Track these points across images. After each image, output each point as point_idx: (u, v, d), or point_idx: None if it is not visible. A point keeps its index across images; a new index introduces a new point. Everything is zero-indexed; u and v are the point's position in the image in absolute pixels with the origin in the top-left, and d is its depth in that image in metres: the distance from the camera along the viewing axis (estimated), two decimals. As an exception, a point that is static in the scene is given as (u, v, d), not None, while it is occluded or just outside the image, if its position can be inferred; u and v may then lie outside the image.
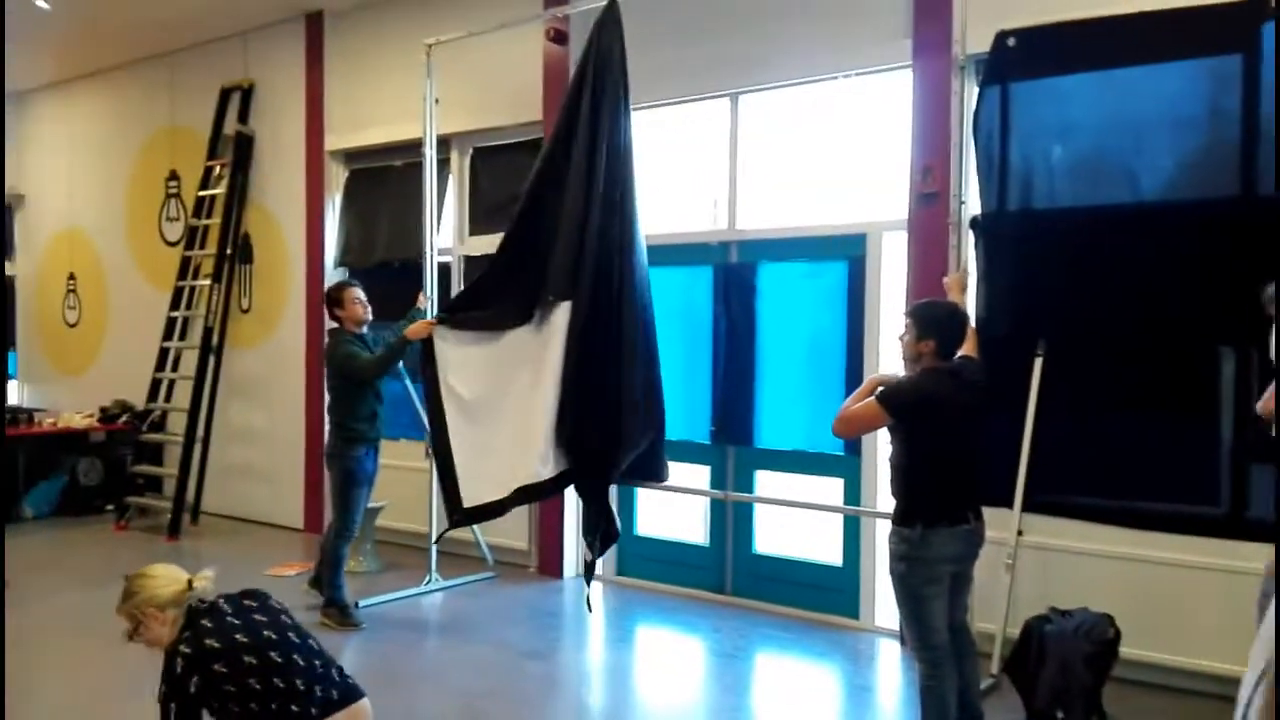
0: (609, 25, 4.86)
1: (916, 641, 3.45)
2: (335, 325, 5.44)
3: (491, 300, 5.04)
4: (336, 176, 7.74)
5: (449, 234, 7.01)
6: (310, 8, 7.57)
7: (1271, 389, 2.78)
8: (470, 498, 4.87)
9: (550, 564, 6.40)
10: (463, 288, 6.89)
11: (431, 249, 6.17)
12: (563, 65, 6.19)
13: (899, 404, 3.39)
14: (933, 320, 3.51)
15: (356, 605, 5.46)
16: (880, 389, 3.47)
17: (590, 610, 5.29)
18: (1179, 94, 4.17)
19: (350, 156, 7.70)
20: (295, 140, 7.84)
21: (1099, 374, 4.27)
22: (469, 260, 6.98)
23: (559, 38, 6.15)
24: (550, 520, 6.38)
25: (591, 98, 4.82)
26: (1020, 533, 4.23)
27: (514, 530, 6.44)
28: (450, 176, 7.02)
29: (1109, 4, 4.29)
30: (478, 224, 6.98)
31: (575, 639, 5.34)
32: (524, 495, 4.84)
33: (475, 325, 5.00)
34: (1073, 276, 4.35)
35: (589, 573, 5.11)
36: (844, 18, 5.23)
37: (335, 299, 5.43)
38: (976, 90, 4.59)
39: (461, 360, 4.99)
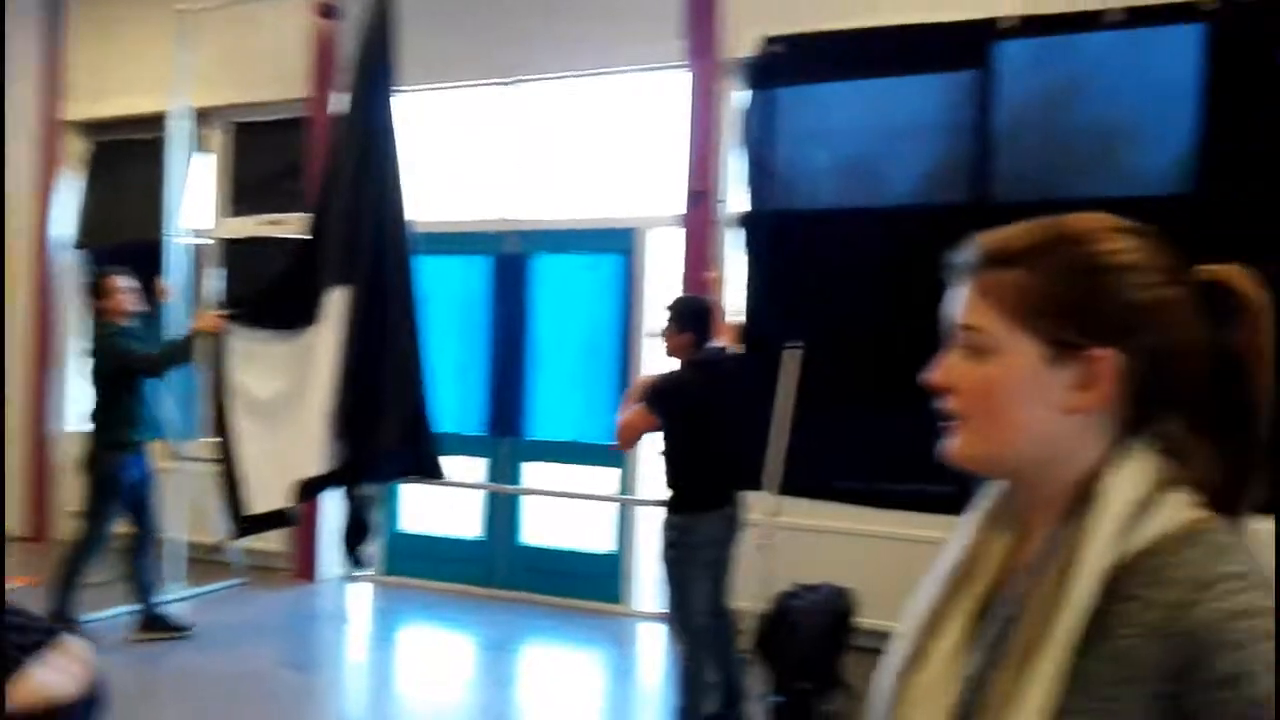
0: (380, 3, 4.69)
1: (680, 623, 3.53)
2: (98, 317, 4.85)
3: (285, 295, 4.68)
4: (76, 150, 7.02)
5: (203, 215, 6.52)
6: (49, -37, 6.85)
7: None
8: (259, 505, 4.49)
9: (307, 567, 6.05)
10: (228, 274, 6.46)
11: (176, 231, 5.71)
12: (332, 40, 5.92)
13: (665, 403, 3.49)
14: (689, 314, 3.62)
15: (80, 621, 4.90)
16: (645, 394, 3.53)
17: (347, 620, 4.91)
18: (924, 105, 4.50)
19: (93, 128, 7.01)
20: (25, 108, 7.04)
21: (852, 365, 4.52)
22: (228, 244, 6.52)
23: (328, 11, 5.88)
24: (306, 520, 6.03)
25: (364, 79, 4.63)
26: (775, 514, 4.40)
27: (269, 533, 6.02)
28: (205, 153, 6.53)
29: (866, 16, 4.58)
30: (238, 204, 6.54)
31: (334, 645, 5.07)
32: (302, 492, 4.51)
33: (269, 323, 4.62)
34: (830, 274, 4.59)
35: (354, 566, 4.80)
36: (620, 15, 5.29)
37: (98, 288, 4.84)
38: (745, 93, 4.77)
39: (255, 356, 4.59)
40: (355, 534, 4.65)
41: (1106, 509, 0.82)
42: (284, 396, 4.57)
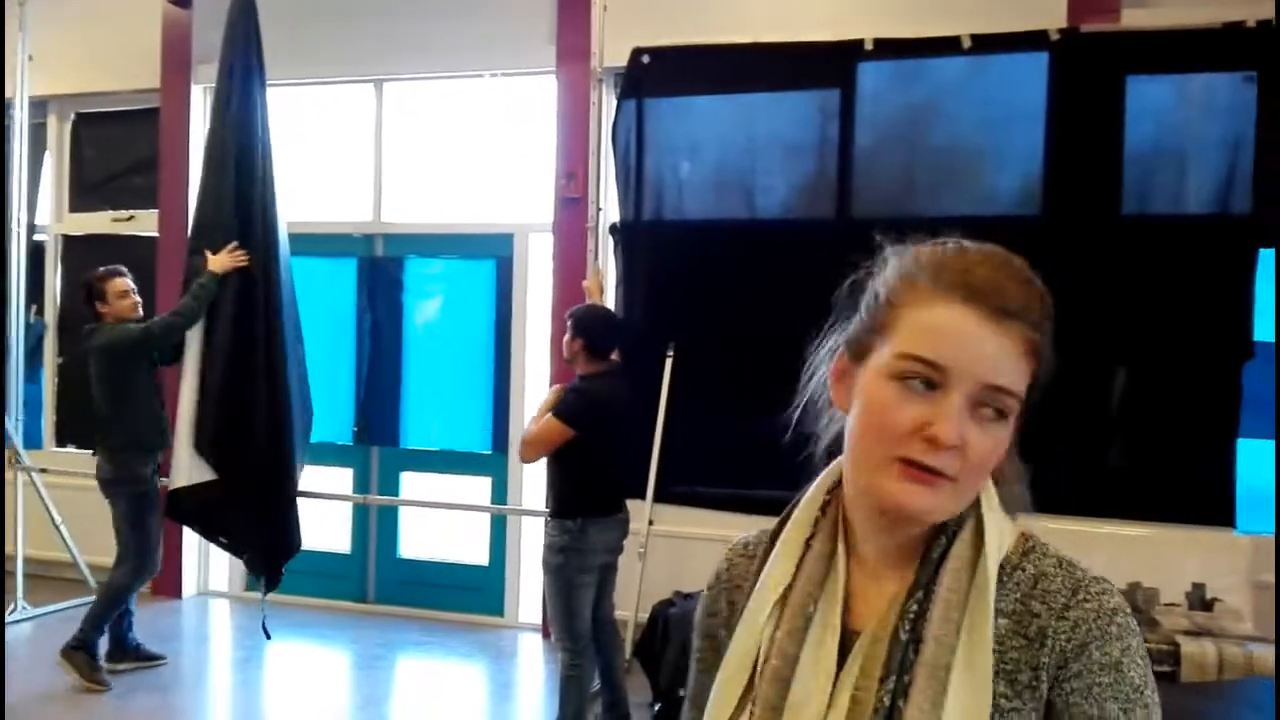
0: None
1: (562, 631, 3.55)
2: (95, 323, 4.43)
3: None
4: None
5: (45, 210, 6.11)
6: None
7: None
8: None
9: (166, 583, 5.78)
10: (64, 271, 6.09)
11: (20, 226, 5.35)
12: (184, 29, 5.64)
13: (577, 415, 3.48)
14: (592, 324, 3.63)
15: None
16: (554, 407, 3.52)
17: (268, 637, 4.57)
18: (789, 122, 4.62)
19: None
20: None
21: (721, 373, 4.62)
22: (69, 240, 6.13)
23: (180, 0, 5.58)
24: (167, 533, 5.76)
25: (230, 71, 4.45)
26: (651, 522, 4.47)
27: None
28: (47, 144, 6.12)
29: (736, 33, 4.65)
30: (81, 198, 6.16)
31: (196, 665, 4.88)
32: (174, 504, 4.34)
33: None
34: (697, 284, 4.68)
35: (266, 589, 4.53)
36: (491, 18, 5.21)
37: (97, 290, 4.41)
38: (615, 102, 4.79)
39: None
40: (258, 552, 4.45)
41: (990, 534, 0.86)
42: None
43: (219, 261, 4.29)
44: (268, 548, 4.42)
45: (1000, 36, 4.28)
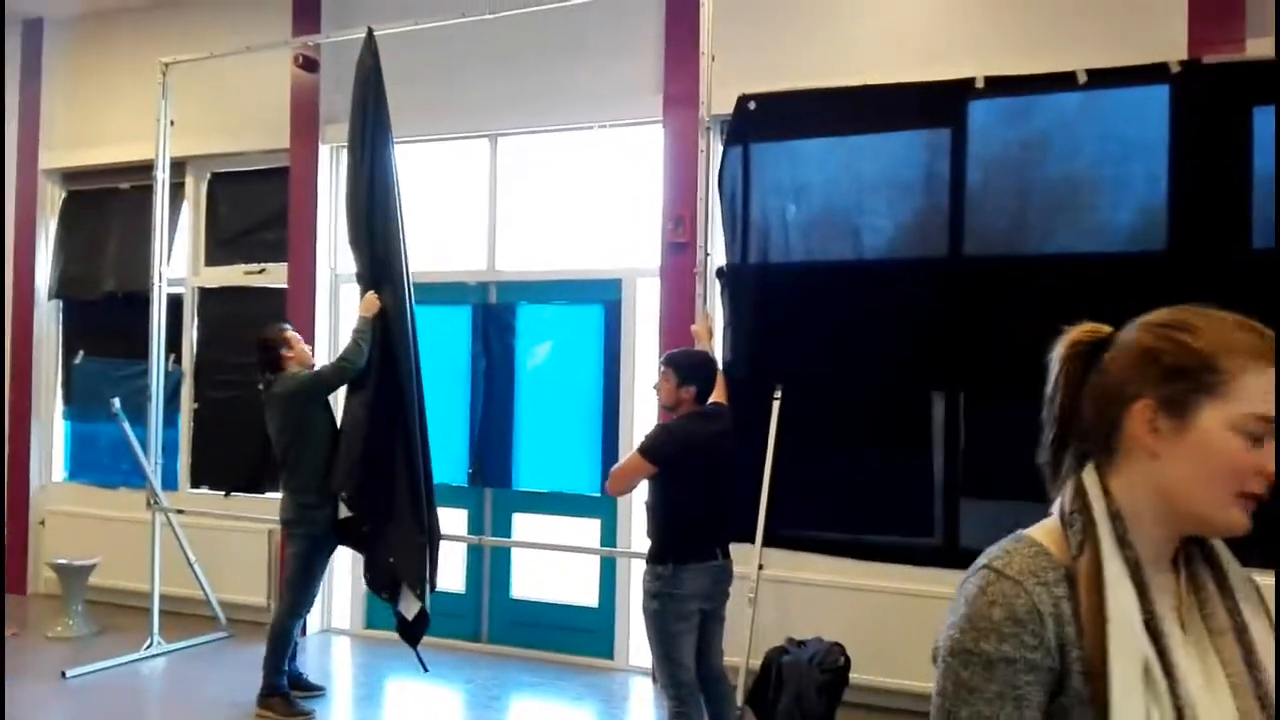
0: (367, 58, 4.78)
1: (666, 678, 3.53)
2: (273, 374, 4.75)
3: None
4: (52, 198, 7.00)
5: (182, 264, 6.51)
6: (29, 14, 6.84)
7: None
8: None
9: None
10: (199, 321, 6.46)
11: (161, 280, 5.72)
12: (312, 92, 5.97)
13: (660, 452, 3.51)
14: (691, 368, 3.66)
15: (65, 674, 4.86)
16: (641, 442, 3.57)
17: (425, 670, 4.75)
18: (897, 161, 4.60)
19: (69, 177, 7.00)
20: (4, 157, 7.01)
21: (829, 415, 4.58)
22: (204, 292, 6.51)
23: (308, 65, 5.92)
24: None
25: (364, 130, 4.76)
26: (761, 567, 4.43)
27: (249, 584, 6.00)
28: (185, 202, 6.53)
29: (839, 76, 4.67)
30: (215, 254, 6.54)
31: (320, 701, 5.02)
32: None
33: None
34: (805, 325, 4.67)
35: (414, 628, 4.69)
36: (598, 72, 5.37)
37: (280, 342, 4.75)
38: (721, 148, 4.85)
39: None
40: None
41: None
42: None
43: (368, 305, 4.67)
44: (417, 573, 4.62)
45: (1117, 70, 4.19)
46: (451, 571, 5.85)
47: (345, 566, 5.98)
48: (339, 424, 4.74)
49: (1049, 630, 1.02)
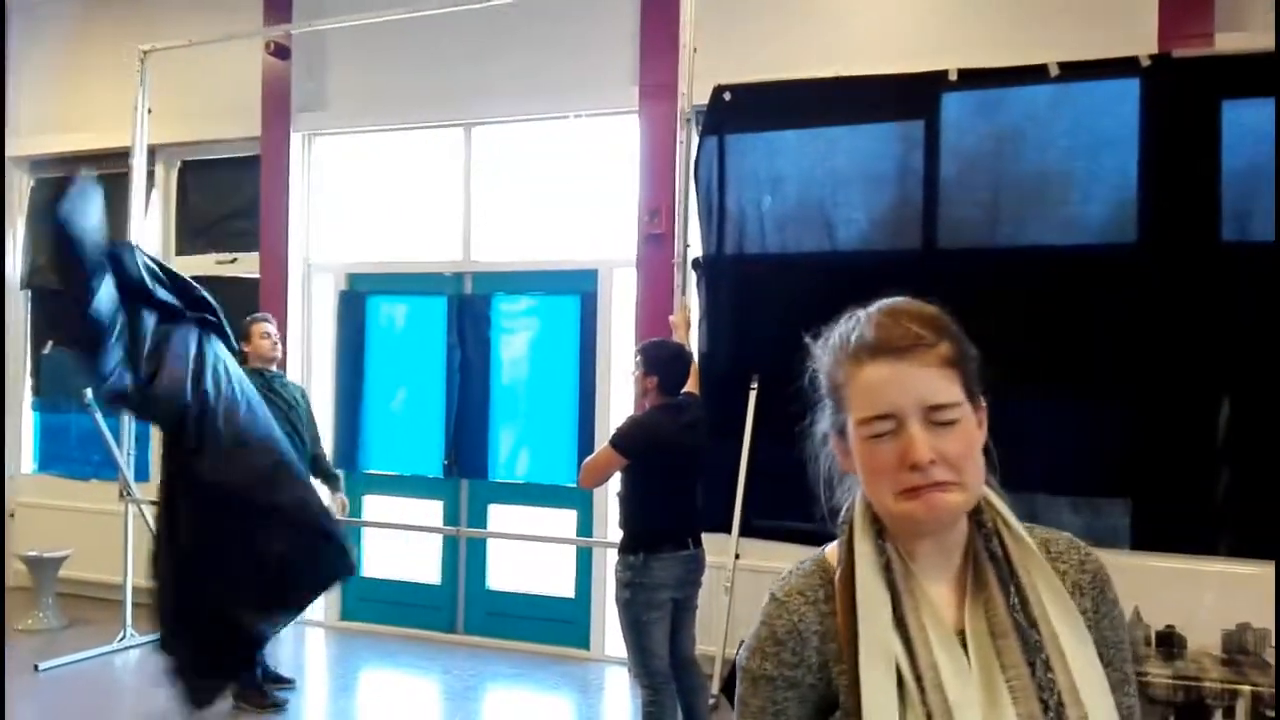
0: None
1: (638, 667, 3.55)
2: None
3: None
4: (20, 186, 6.89)
5: (153, 253, 6.40)
6: (-9, -5, 6.72)
7: None
8: None
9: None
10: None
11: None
12: (284, 80, 5.91)
13: (630, 444, 3.53)
14: (658, 359, 3.67)
15: (37, 667, 4.81)
16: (612, 435, 3.58)
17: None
18: (871, 154, 4.60)
19: (38, 164, 6.89)
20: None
21: (805, 407, 4.60)
22: (177, 283, 6.43)
23: (280, 52, 5.86)
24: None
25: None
26: (738, 556, 4.45)
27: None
28: (155, 191, 6.45)
29: (817, 66, 4.68)
30: (186, 243, 6.47)
31: (295, 693, 4.99)
32: None
33: None
34: (781, 317, 4.67)
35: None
36: (574, 62, 5.35)
37: (242, 330, 4.71)
38: (697, 139, 4.85)
39: None
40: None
41: (1015, 523, 1.07)
42: None
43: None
44: None
45: (1089, 63, 4.22)
46: (427, 563, 5.85)
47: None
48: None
49: (809, 648, 1.05)
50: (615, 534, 4.48)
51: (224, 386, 4.07)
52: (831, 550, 1.14)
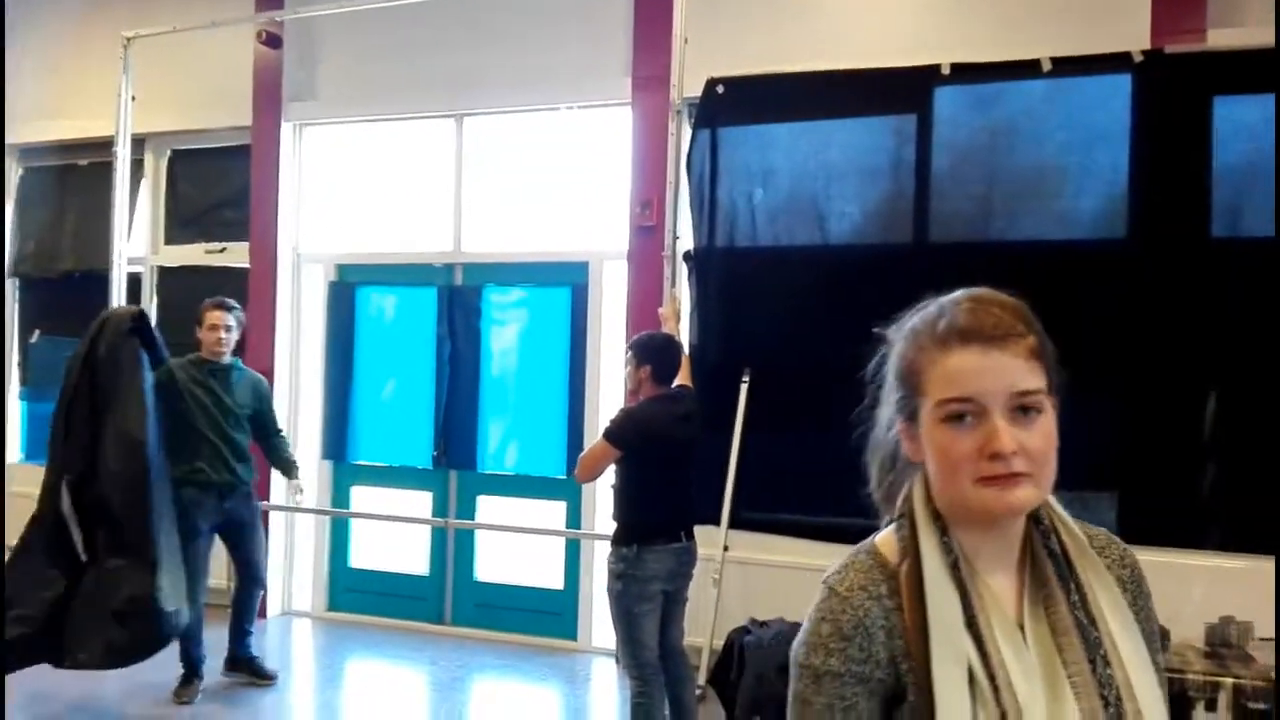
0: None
1: (628, 659, 3.55)
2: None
3: None
4: (8, 175, 6.84)
5: (142, 243, 6.40)
6: (-23, -19, 6.66)
7: None
8: None
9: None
10: (159, 301, 6.35)
11: (120, 258, 5.62)
12: (275, 69, 5.87)
13: (623, 436, 3.52)
14: (650, 348, 3.66)
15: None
16: (605, 427, 3.58)
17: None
18: (864, 147, 4.62)
19: (26, 152, 6.84)
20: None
21: (795, 399, 4.61)
22: (163, 271, 6.40)
23: (272, 41, 5.83)
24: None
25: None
26: (726, 548, 4.46)
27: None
28: (144, 180, 6.42)
29: (810, 60, 4.67)
30: (175, 232, 6.43)
31: (278, 684, 4.97)
32: None
33: None
34: (771, 310, 4.68)
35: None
36: (567, 52, 5.32)
37: (197, 316, 4.59)
38: (690, 132, 4.84)
39: None
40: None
41: (1070, 521, 1.10)
42: None
43: None
44: None
45: (1081, 59, 4.23)
46: (416, 554, 5.83)
47: (308, 549, 5.94)
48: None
49: (878, 643, 1.04)
50: (604, 526, 4.50)
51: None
52: (882, 541, 1.12)
